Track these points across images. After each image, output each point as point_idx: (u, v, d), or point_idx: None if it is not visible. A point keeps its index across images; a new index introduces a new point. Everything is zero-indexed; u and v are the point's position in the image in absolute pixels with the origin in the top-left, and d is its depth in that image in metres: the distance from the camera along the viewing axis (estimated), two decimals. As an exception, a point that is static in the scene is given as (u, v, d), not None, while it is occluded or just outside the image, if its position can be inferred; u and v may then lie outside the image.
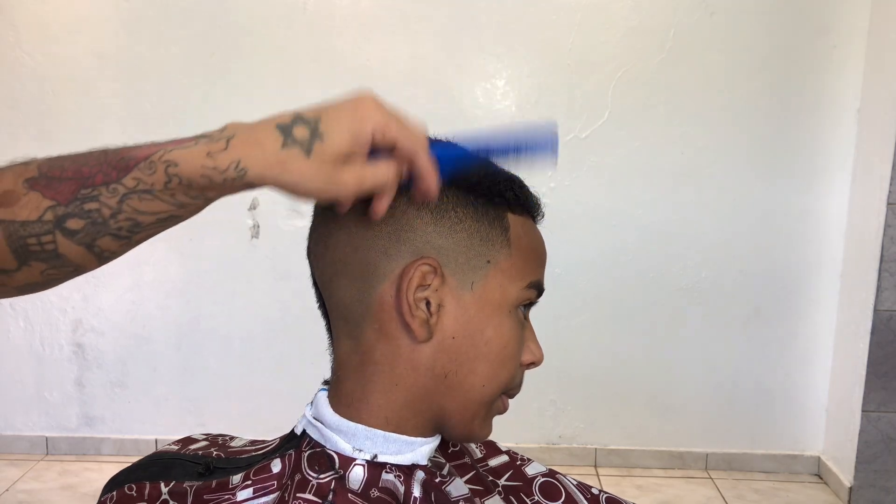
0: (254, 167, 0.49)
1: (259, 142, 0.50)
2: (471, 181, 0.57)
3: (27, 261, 0.51)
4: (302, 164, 0.50)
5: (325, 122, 0.51)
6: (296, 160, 0.50)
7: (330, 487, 0.56)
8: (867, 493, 2.34)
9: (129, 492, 0.61)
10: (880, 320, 2.25)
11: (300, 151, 0.50)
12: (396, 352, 0.57)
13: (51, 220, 0.50)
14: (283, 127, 0.50)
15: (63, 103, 2.45)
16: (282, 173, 0.49)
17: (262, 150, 0.49)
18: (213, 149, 0.50)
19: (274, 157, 0.49)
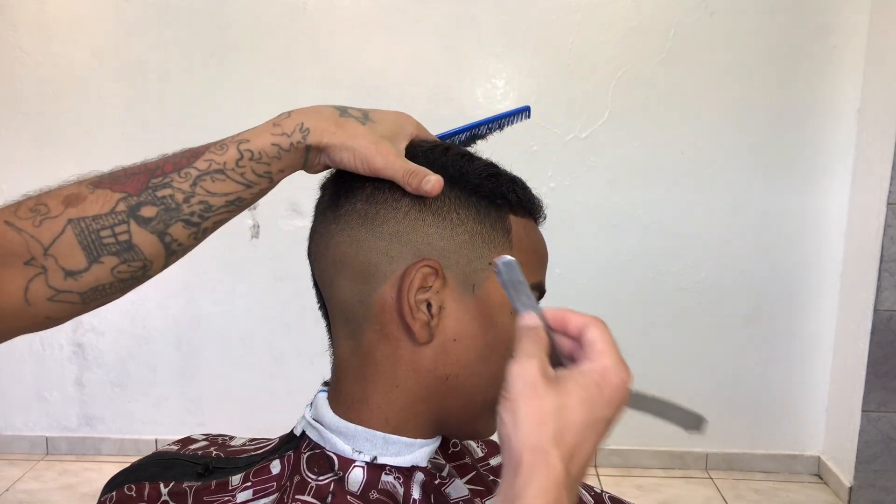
0: (316, 127, 0.56)
1: (319, 111, 0.57)
2: (473, 182, 0.57)
3: (99, 257, 0.52)
4: (357, 127, 0.57)
5: (373, 113, 0.59)
6: (351, 123, 0.57)
7: (329, 489, 0.55)
8: (867, 493, 2.34)
9: (129, 492, 0.61)
10: (880, 320, 2.25)
11: (356, 120, 0.57)
12: (397, 353, 0.56)
13: (124, 210, 0.52)
14: (337, 106, 0.58)
15: (63, 103, 2.45)
16: (338, 133, 0.56)
17: (322, 115, 0.57)
18: (277, 120, 0.56)
19: (333, 121, 0.56)
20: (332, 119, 0.56)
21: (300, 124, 0.55)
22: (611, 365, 0.47)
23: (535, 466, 0.43)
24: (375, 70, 2.40)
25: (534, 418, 0.44)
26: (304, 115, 0.56)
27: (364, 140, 0.56)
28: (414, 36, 2.39)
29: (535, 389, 0.44)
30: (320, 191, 0.62)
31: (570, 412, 0.44)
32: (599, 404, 0.45)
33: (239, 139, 0.55)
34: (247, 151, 0.54)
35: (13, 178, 2.48)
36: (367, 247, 0.56)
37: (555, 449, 0.43)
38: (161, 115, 2.43)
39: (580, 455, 0.45)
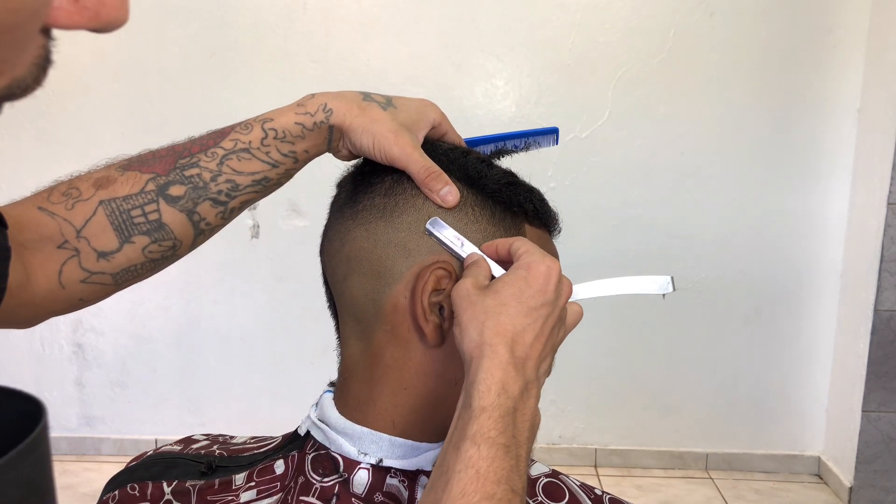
0: (339, 108, 0.57)
1: (343, 94, 0.58)
2: (491, 188, 0.58)
3: (130, 236, 0.53)
4: (378, 112, 0.57)
5: (397, 100, 0.59)
6: (374, 108, 0.57)
7: (333, 491, 0.55)
8: (867, 493, 2.34)
9: (132, 491, 0.61)
10: (880, 320, 2.25)
11: (378, 105, 0.58)
12: (407, 355, 0.56)
13: (153, 190, 0.53)
14: (361, 91, 0.59)
15: (63, 103, 2.45)
16: (360, 115, 0.57)
17: (346, 98, 0.58)
18: (301, 101, 0.58)
19: (356, 103, 0.57)
20: (355, 102, 0.57)
21: (324, 104, 0.57)
22: (533, 259, 0.51)
23: (481, 357, 0.47)
24: (375, 70, 2.40)
25: (473, 321, 0.49)
26: (328, 96, 0.57)
27: (384, 126, 0.56)
28: (414, 36, 2.39)
29: (470, 299, 0.50)
30: (336, 188, 0.62)
31: (503, 307, 0.49)
32: (529, 293, 0.50)
33: (263, 118, 0.56)
34: (271, 130, 0.56)
35: (13, 178, 2.48)
36: (384, 240, 0.56)
37: (496, 338, 0.48)
38: (161, 115, 2.43)
39: (523, 338, 0.49)
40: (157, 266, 0.56)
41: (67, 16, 0.26)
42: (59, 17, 0.26)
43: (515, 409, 0.47)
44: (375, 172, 0.59)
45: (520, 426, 0.47)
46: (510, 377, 0.47)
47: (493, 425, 0.45)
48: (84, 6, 0.26)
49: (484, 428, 0.45)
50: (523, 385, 0.47)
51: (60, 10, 0.26)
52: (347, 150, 0.60)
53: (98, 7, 0.26)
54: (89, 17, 0.26)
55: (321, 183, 0.64)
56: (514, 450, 0.46)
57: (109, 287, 0.56)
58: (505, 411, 0.46)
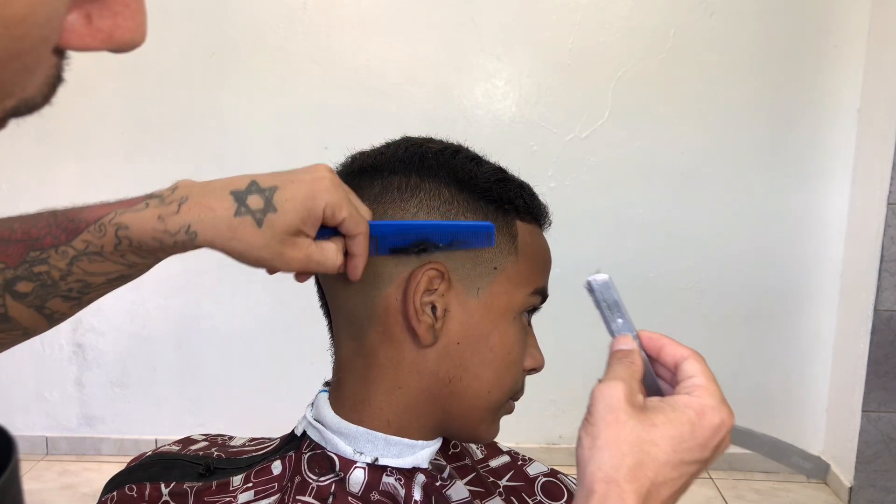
0: (204, 232, 0.49)
1: (211, 207, 0.49)
2: (482, 187, 0.57)
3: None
4: (252, 234, 0.49)
5: (279, 194, 0.50)
6: (246, 229, 0.49)
7: (330, 490, 0.55)
8: (867, 493, 2.34)
9: (130, 492, 0.61)
10: (880, 320, 2.25)
11: (252, 221, 0.49)
12: (400, 355, 0.56)
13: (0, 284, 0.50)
14: (237, 194, 0.50)
15: (63, 103, 2.43)
16: (231, 240, 0.49)
17: (213, 215, 0.49)
18: (164, 212, 0.49)
19: (225, 224, 0.49)
20: (224, 221, 0.49)
21: (186, 226, 0.49)
22: (710, 404, 0.43)
23: (606, 498, 0.40)
24: (375, 70, 2.40)
25: (612, 446, 0.41)
26: (194, 212, 0.49)
27: (263, 251, 0.50)
28: (414, 36, 2.39)
29: (618, 416, 0.42)
30: None
31: (653, 447, 0.42)
32: (690, 445, 0.42)
33: (118, 223, 0.49)
34: (125, 239, 0.49)
35: (13, 178, 2.48)
36: None
37: (630, 484, 0.41)
38: (161, 115, 2.43)
39: (659, 495, 0.42)
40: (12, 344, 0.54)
41: (80, 38, 0.25)
42: (71, 40, 0.25)
43: None
44: (364, 174, 0.58)
45: None
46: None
47: None
48: (98, 28, 0.25)
49: None
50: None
51: (73, 33, 0.25)
52: None
53: (112, 29, 0.26)
54: (103, 38, 0.26)
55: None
56: None
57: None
58: None
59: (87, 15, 0.25)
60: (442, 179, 0.57)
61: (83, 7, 0.25)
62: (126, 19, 0.26)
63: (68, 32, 0.25)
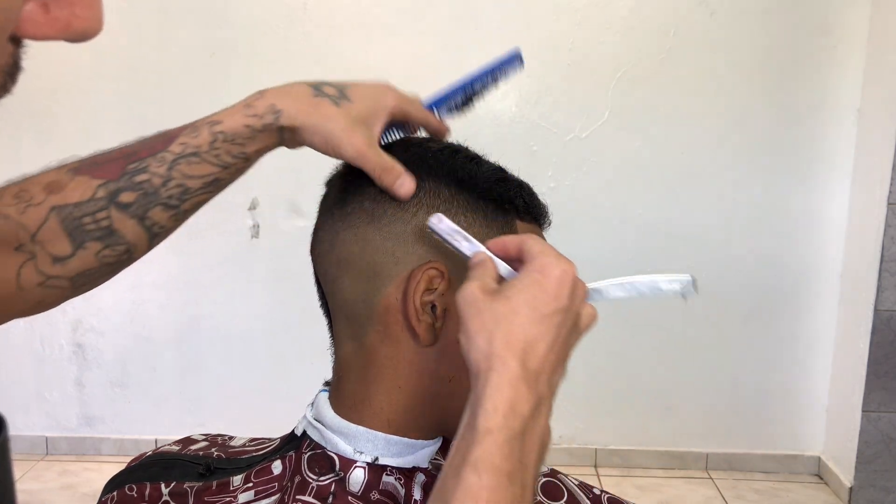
0: (288, 108, 0.55)
1: (291, 91, 0.56)
2: (482, 186, 0.57)
3: (83, 242, 0.52)
4: (331, 108, 0.55)
5: (351, 90, 0.57)
6: (326, 105, 0.55)
7: (330, 490, 0.55)
8: (867, 493, 2.34)
9: (130, 492, 0.61)
10: (880, 320, 2.25)
11: (329, 101, 0.56)
12: (400, 355, 0.56)
13: (104, 197, 0.53)
14: (312, 84, 0.57)
15: (63, 103, 2.45)
16: (311, 114, 0.55)
17: (294, 96, 0.56)
18: (249, 100, 0.56)
19: (306, 101, 0.55)
20: (305, 99, 0.55)
21: (272, 106, 0.55)
22: (547, 260, 0.48)
23: (489, 370, 0.44)
24: (375, 70, 2.39)
25: (481, 331, 0.45)
26: (277, 94, 0.56)
27: (336, 125, 0.55)
28: (414, 36, 2.39)
29: (477, 305, 0.46)
30: (325, 187, 0.62)
31: (514, 315, 0.45)
32: (543, 299, 0.46)
33: (211, 121, 0.55)
34: (219, 134, 0.54)
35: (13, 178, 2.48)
36: (373, 246, 0.55)
37: (506, 351, 0.44)
38: (161, 115, 2.42)
39: (536, 350, 0.45)
40: (114, 269, 0.56)
41: (37, 27, 0.25)
42: (29, 28, 0.25)
43: (525, 430, 0.43)
44: (365, 175, 0.58)
45: (528, 449, 0.43)
46: (521, 395, 0.43)
47: (498, 451, 0.42)
48: (55, 17, 0.26)
49: (487, 453, 0.41)
50: (535, 402, 0.44)
51: (30, 22, 0.25)
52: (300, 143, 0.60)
53: (69, 18, 0.26)
54: (60, 27, 0.26)
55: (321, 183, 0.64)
56: (521, 476, 0.42)
57: (67, 290, 0.55)
58: (512, 434, 0.42)
59: (44, 4, 0.25)
60: (442, 179, 0.57)
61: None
62: (83, 9, 0.26)
63: (26, 21, 0.25)
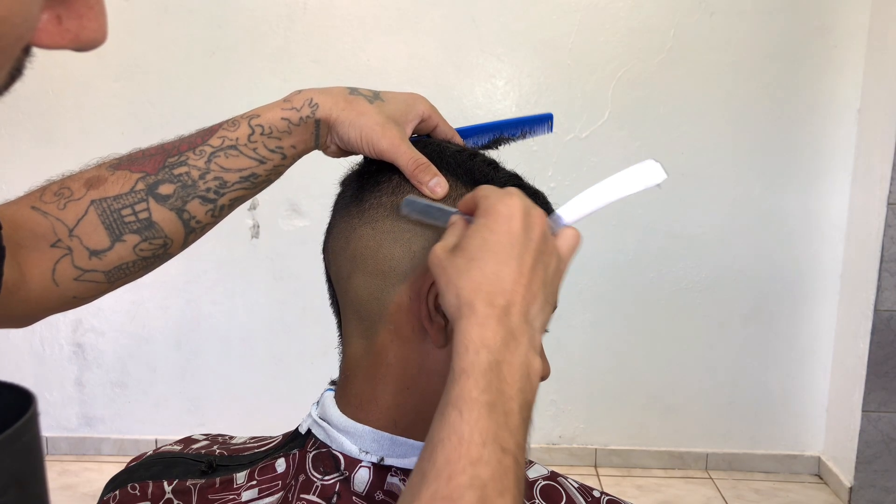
0: (324, 103, 0.57)
1: (329, 89, 0.59)
2: None
3: (121, 235, 0.54)
4: (366, 105, 0.58)
5: (385, 93, 0.60)
6: (360, 102, 0.58)
7: (334, 489, 0.55)
8: (867, 493, 2.34)
9: (133, 491, 0.61)
10: (880, 320, 2.25)
11: (364, 99, 0.58)
12: (411, 355, 0.56)
13: (143, 189, 0.54)
14: (349, 87, 0.60)
15: (63, 103, 2.45)
16: (347, 109, 0.57)
17: (331, 93, 0.58)
18: (288, 97, 0.58)
19: (342, 97, 0.58)
20: (341, 96, 0.58)
21: (309, 100, 0.57)
22: (492, 202, 0.48)
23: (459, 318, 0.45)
24: (375, 70, 2.40)
25: (448, 286, 0.46)
26: (315, 91, 0.58)
27: (371, 119, 0.56)
28: (414, 36, 2.39)
29: (441, 264, 0.47)
30: (340, 187, 0.62)
31: (472, 262, 0.46)
32: (495, 239, 0.47)
33: (250, 115, 0.57)
34: (258, 126, 0.56)
35: (13, 178, 2.48)
36: (388, 244, 0.55)
37: (472, 295, 0.45)
38: (161, 115, 2.43)
39: (501, 286, 0.45)
40: (149, 264, 0.57)
41: (50, 37, 0.27)
42: (42, 38, 0.27)
43: (499, 361, 0.43)
44: (382, 171, 0.58)
45: (508, 378, 0.44)
46: (488, 330, 0.44)
47: (474, 385, 0.42)
48: (66, 28, 0.27)
49: (465, 390, 0.42)
50: (505, 334, 0.44)
51: (45, 32, 0.27)
52: (336, 145, 0.60)
53: (78, 29, 0.28)
54: (70, 38, 0.27)
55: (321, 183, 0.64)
56: (502, 405, 0.43)
57: (103, 285, 0.56)
58: (485, 367, 0.43)
59: (57, 16, 0.27)
60: (459, 179, 0.57)
61: (54, 8, 0.27)
62: (90, 20, 0.28)
63: (41, 32, 0.26)
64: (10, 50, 0.25)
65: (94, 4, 0.28)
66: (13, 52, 0.26)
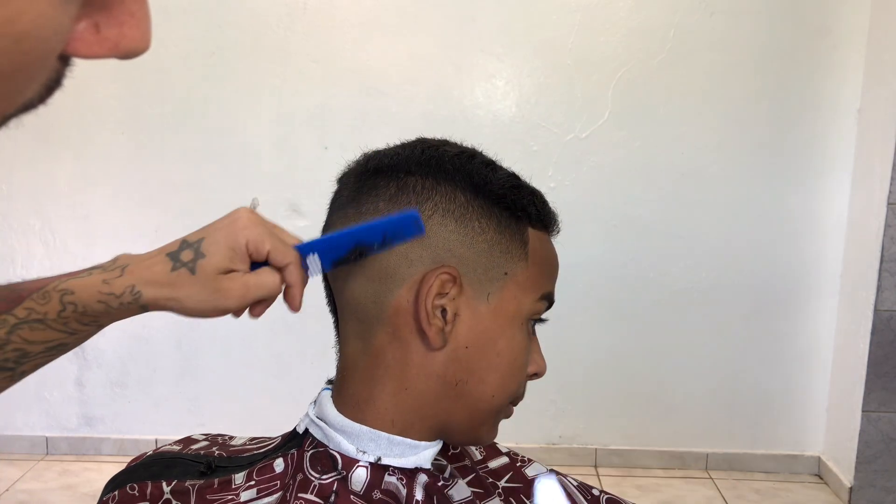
0: (147, 290, 0.53)
1: (151, 268, 0.54)
2: (497, 193, 0.58)
3: None
4: (190, 283, 0.53)
5: (206, 242, 0.54)
6: (184, 280, 0.53)
7: (332, 488, 0.56)
8: (867, 493, 2.34)
9: (132, 491, 0.61)
10: (880, 320, 2.25)
11: (187, 271, 0.53)
12: (408, 357, 0.57)
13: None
14: (171, 254, 0.54)
15: (63, 103, 2.44)
16: (172, 293, 0.54)
17: (153, 274, 0.53)
18: (108, 277, 0.53)
19: (165, 279, 0.53)
20: (164, 277, 0.54)
21: (131, 287, 0.53)
22: None
23: None
24: (375, 70, 2.40)
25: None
26: (136, 274, 0.53)
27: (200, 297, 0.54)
28: (414, 36, 2.39)
29: None
30: (337, 184, 0.62)
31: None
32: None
33: (63, 289, 0.51)
34: (70, 305, 0.51)
35: (13, 178, 2.48)
36: None
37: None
38: (161, 115, 2.43)
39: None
40: None
41: (88, 46, 0.26)
42: (79, 48, 0.25)
43: None
44: (380, 174, 0.58)
45: None
46: None
47: None
48: (105, 37, 0.26)
49: None
50: None
51: (82, 42, 0.25)
52: None
53: (118, 38, 0.26)
54: (109, 47, 0.27)
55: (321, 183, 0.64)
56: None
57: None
58: None
59: (95, 24, 0.25)
60: (458, 183, 0.58)
61: (92, 17, 0.25)
62: (131, 28, 0.27)
63: (78, 41, 0.25)
64: (39, 63, 0.24)
65: (137, 11, 0.27)
66: (44, 65, 0.24)
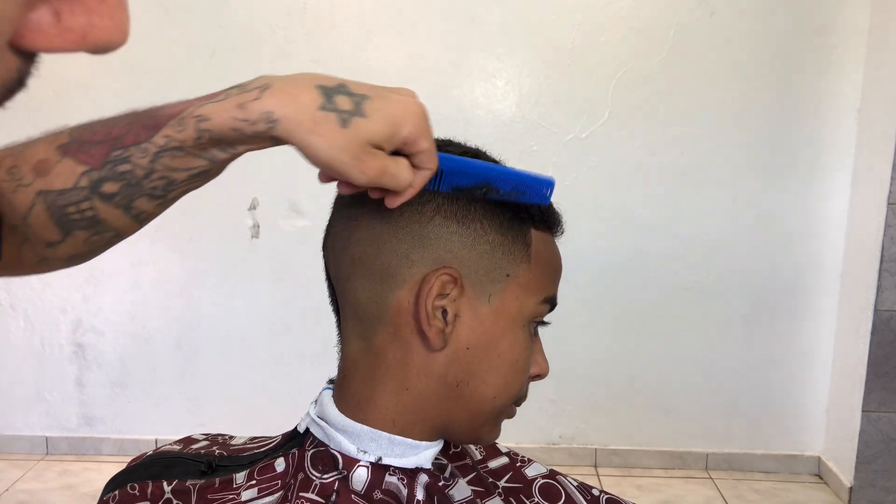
0: (285, 120, 0.47)
1: (296, 96, 0.47)
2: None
3: (70, 231, 0.51)
4: (334, 132, 0.47)
5: (370, 103, 0.48)
6: (330, 125, 0.47)
7: (333, 488, 0.56)
8: (867, 493, 2.34)
9: (132, 491, 0.61)
10: (880, 320, 2.25)
11: (337, 118, 0.47)
12: (409, 357, 0.57)
13: (86, 186, 0.50)
14: (325, 89, 0.48)
15: (63, 103, 2.44)
16: (311, 133, 0.47)
17: (297, 104, 0.47)
18: (244, 99, 0.48)
19: (308, 115, 0.47)
20: (308, 112, 0.47)
21: (268, 114, 0.47)
22: None
23: None
24: (375, 70, 2.40)
25: None
26: (277, 99, 0.47)
27: (339, 153, 0.47)
28: (414, 36, 2.39)
29: None
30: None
31: None
32: None
33: (198, 115, 0.48)
34: (206, 132, 0.48)
35: (13, 178, 2.48)
36: (388, 248, 0.56)
37: None
38: (161, 115, 2.43)
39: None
40: (105, 247, 0.55)
41: (48, 39, 0.23)
42: (37, 40, 0.23)
43: None
44: None
45: None
46: None
47: None
48: (68, 28, 0.23)
49: None
50: None
51: (39, 32, 0.23)
52: None
53: (86, 29, 0.23)
54: (74, 39, 0.23)
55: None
56: None
57: (63, 264, 0.55)
58: None
59: (55, 13, 0.22)
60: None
61: (51, 3, 0.22)
62: (102, 17, 0.23)
63: (34, 32, 0.22)
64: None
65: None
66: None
